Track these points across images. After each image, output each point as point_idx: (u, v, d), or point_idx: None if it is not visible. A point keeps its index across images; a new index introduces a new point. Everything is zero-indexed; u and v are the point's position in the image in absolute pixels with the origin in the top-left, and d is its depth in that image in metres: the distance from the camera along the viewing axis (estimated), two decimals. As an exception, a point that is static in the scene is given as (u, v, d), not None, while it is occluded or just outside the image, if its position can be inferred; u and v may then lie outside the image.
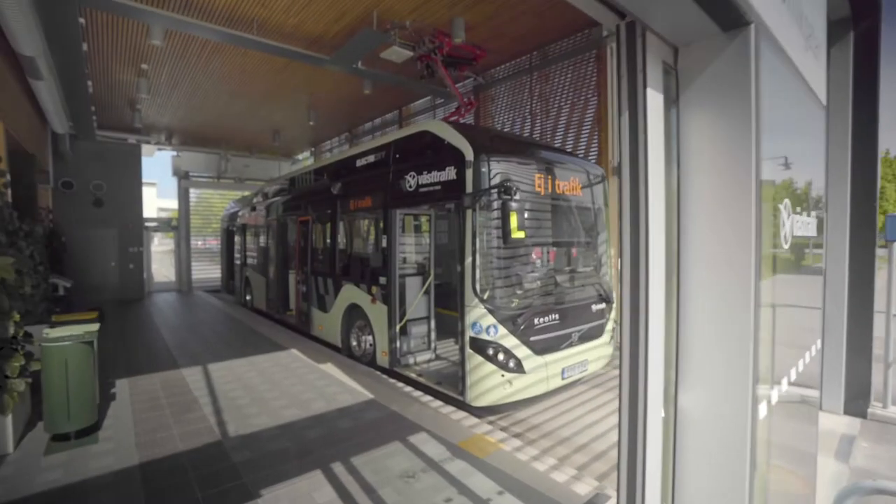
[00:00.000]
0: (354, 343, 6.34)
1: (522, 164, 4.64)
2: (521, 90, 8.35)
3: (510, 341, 4.31)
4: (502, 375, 4.29)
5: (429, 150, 5.00)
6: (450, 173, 4.59)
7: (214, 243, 16.83)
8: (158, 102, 10.45)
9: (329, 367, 5.84)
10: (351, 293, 6.32)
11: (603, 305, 5.35)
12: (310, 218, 7.55)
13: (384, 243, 5.52)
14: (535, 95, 8.07)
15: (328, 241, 7.01)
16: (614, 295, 5.49)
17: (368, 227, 6.69)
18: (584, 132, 7.31)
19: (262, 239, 10.02)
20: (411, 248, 5.94)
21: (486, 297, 4.28)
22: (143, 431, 3.94)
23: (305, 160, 16.74)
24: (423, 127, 5.23)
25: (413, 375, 5.23)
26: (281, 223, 8.93)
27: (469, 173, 4.34)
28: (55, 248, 10.32)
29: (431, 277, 5.75)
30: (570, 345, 4.87)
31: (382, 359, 5.61)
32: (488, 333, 4.25)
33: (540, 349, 4.52)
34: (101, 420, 4.12)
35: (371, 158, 6.07)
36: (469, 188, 4.32)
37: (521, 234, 3.81)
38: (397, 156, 5.53)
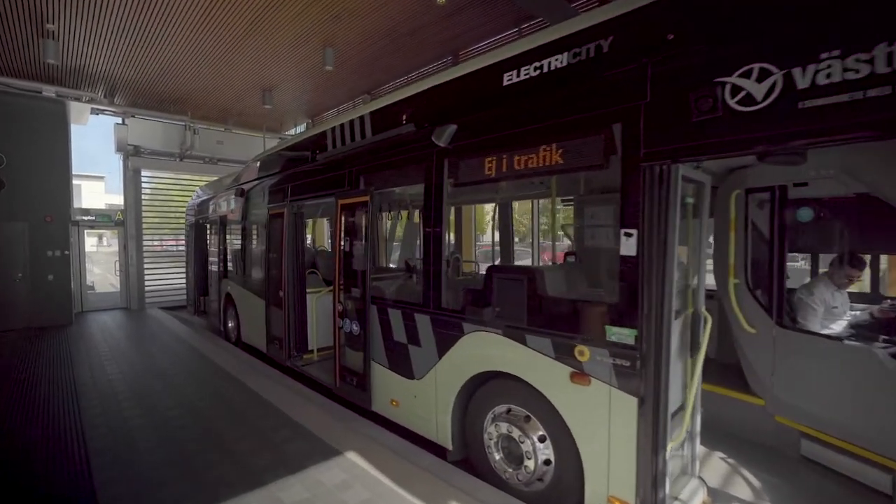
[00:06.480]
0: (498, 455, 3.05)
1: None
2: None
3: None
4: None
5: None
6: None
7: (173, 243, 12.98)
8: (85, 24, 6.68)
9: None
10: (489, 350, 3.02)
11: None
12: (368, 198, 4.14)
13: (627, 247, 2.28)
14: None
15: (420, 239, 3.65)
16: None
17: (559, 211, 3.38)
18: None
19: (258, 236, 6.47)
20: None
21: None
22: None
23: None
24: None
25: None
26: (294, 212, 5.47)
27: None
28: None
29: (709, 323, 2.57)
30: None
31: (612, 517, 2.37)
32: None
33: None
34: None
35: (560, 61, 2.71)
36: None
37: None
38: (671, 37, 2.27)
